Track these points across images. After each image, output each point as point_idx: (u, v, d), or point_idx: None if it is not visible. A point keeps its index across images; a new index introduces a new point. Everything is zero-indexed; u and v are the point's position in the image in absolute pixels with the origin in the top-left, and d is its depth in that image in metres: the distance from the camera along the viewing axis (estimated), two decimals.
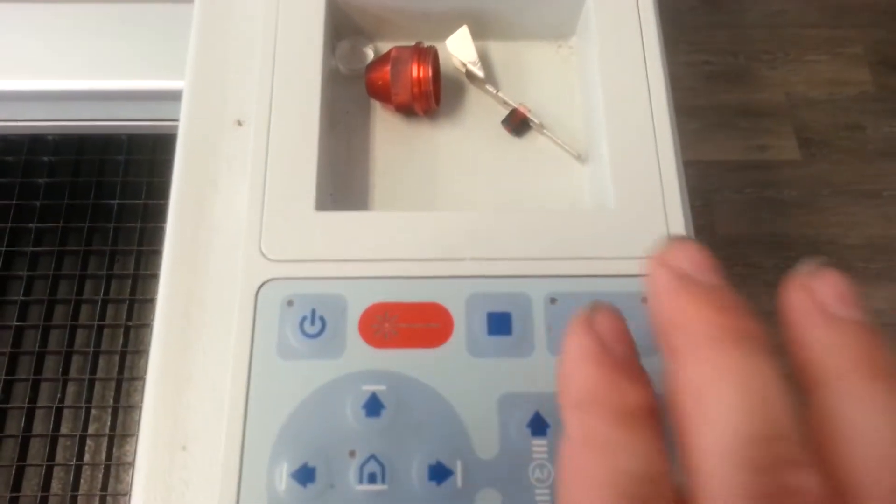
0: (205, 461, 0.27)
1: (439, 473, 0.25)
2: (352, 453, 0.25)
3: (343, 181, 0.32)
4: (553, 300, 0.28)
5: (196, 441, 0.27)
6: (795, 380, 0.20)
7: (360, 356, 0.27)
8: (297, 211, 0.29)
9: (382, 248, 0.28)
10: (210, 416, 0.27)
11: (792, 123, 1.34)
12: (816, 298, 0.20)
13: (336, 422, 0.26)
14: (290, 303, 0.28)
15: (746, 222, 1.26)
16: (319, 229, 0.28)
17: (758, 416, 0.18)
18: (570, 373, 0.20)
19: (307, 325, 0.27)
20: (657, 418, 0.19)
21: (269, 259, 0.28)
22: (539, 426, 0.26)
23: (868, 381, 0.18)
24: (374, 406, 0.26)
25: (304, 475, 0.25)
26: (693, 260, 0.21)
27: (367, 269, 0.28)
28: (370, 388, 0.26)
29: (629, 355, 0.20)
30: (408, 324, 0.27)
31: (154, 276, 0.52)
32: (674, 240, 0.22)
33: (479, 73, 0.33)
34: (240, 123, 0.31)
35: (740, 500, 0.17)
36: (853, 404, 0.18)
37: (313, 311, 0.27)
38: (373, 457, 0.25)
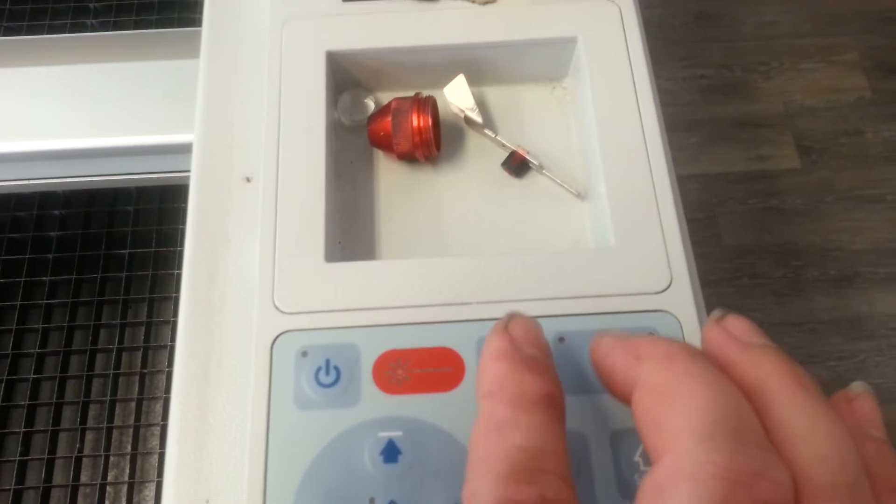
0: None
1: None
2: (371, 501, 0.26)
3: (351, 229, 0.33)
4: (561, 339, 0.28)
5: (219, 495, 0.27)
6: None
7: (375, 403, 0.27)
8: (307, 264, 0.29)
9: (392, 295, 0.29)
10: (232, 470, 0.28)
11: (791, 132, 1.35)
12: (730, 333, 0.22)
13: (355, 469, 0.26)
14: (304, 354, 0.28)
15: (752, 233, 1.26)
16: (330, 280, 0.29)
17: (728, 407, 0.19)
18: (484, 368, 0.23)
19: (322, 375, 0.28)
20: (557, 407, 0.22)
21: (282, 312, 0.29)
22: None
23: (790, 384, 0.20)
24: (391, 452, 0.27)
25: None
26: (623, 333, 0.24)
27: (378, 317, 0.29)
28: (387, 434, 0.27)
29: (537, 355, 0.23)
30: (420, 369, 0.28)
31: (167, 323, 0.52)
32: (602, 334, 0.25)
33: (478, 118, 0.34)
34: (248, 180, 0.32)
35: (717, 481, 0.17)
36: (787, 408, 0.20)
37: (327, 361, 0.28)
38: (392, 503, 0.26)
